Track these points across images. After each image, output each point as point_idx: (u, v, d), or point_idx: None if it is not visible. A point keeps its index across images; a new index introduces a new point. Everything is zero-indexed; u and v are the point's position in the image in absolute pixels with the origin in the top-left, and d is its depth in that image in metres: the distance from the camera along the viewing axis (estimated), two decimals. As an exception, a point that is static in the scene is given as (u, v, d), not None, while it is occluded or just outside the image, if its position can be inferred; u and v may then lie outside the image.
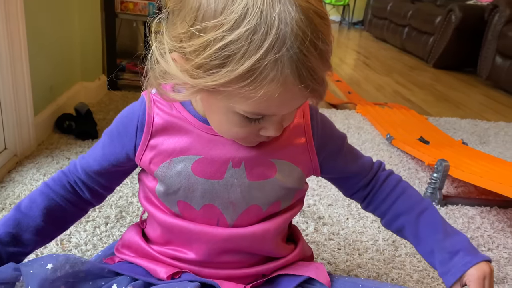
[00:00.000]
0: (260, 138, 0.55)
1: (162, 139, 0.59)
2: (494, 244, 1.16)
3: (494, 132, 2.13)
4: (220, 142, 0.58)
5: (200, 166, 0.58)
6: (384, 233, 1.15)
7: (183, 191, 0.60)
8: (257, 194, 0.61)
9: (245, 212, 0.62)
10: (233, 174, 0.59)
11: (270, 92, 0.45)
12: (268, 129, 0.52)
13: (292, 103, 0.49)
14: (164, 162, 0.59)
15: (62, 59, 1.63)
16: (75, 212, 0.68)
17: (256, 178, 0.60)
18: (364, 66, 3.72)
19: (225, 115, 0.51)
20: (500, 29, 3.11)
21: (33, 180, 1.20)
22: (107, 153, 0.63)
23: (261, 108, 0.48)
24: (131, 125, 0.60)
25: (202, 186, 0.59)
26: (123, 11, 2.03)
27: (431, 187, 1.35)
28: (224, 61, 0.44)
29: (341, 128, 1.92)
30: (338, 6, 6.60)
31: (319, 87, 0.47)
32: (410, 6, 4.46)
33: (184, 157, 0.58)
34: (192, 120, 0.58)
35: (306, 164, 0.63)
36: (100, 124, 1.61)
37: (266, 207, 0.62)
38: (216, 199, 0.60)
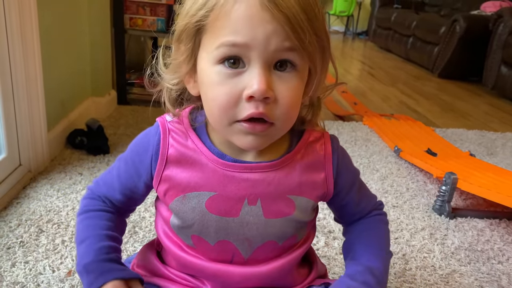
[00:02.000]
0: (248, 107, 0.49)
1: (176, 171, 0.58)
2: (504, 257, 1.16)
3: (502, 143, 2.13)
4: (235, 179, 0.57)
5: (214, 203, 0.57)
6: (394, 246, 1.16)
7: (197, 226, 0.59)
8: (273, 230, 0.59)
9: (260, 247, 0.61)
10: (249, 211, 0.57)
11: (229, 10, 0.47)
12: (250, 84, 0.48)
13: (260, 27, 0.47)
14: (178, 197, 0.58)
15: (74, 75, 1.67)
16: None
17: (274, 215, 0.58)
18: (369, 77, 3.74)
19: (207, 77, 0.51)
20: (505, 38, 3.13)
21: (47, 196, 1.22)
22: (125, 182, 0.63)
23: (228, 34, 0.48)
24: (145, 155, 0.59)
25: (217, 223, 0.58)
26: (132, 27, 2.07)
27: (439, 199, 1.36)
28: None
29: (349, 140, 1.94)
30: (342, 17, 6.64)
31: (286, 6, 0.46)
32: (414, 17, 4.48)
33: (198, 193, 0.57)
34: (207, 154, 0.57)
35: (321, 197, 0.63)
36: (111, 139, 1.63)
37: (282, 242, 0.61)
38: (231, 236, 0.59)
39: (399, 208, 1.38)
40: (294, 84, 0.51)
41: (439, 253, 1.15)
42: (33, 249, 1.00)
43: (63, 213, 1.15)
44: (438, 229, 1.28)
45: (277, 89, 0.49)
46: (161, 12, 2.07)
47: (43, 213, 1.14)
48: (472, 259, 1.14)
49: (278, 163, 0.58)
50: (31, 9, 1.22)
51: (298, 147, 0.59)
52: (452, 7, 4.74)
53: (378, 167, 1.67)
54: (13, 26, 1.16)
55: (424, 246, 1.18)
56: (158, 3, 2.06)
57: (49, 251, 0.99)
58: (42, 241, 1.03)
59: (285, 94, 0.50)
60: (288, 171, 0.58)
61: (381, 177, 1.59)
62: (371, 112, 2.42)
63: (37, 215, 1.13)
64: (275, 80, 0.49)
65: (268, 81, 0.48)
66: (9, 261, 0.95)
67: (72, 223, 1.11)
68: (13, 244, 1.00)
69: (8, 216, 1.11)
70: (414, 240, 1.20)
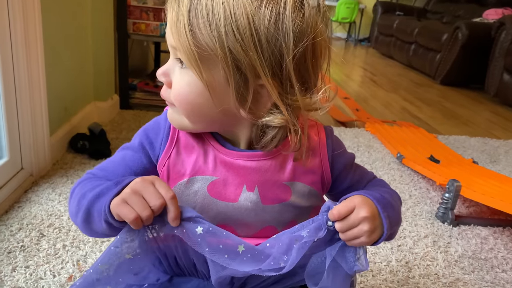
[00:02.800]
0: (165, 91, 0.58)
1: (183, 156, 0.60)
2: (508, 266, 1.15)
3: (504, 150, 2.13)
4: (235, 165, 0.59)
5: (216, 187, 0.59)
6: (397, 254, 1.15)
7: (198, 210, 0.59)
8: (272, 216, 0.61)
9: (259, 232, 0.62)
10: (247, 197, 0.60)
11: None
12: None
13: (168, 19, 0.54)
14: (182, 180, 0.60)
15: (76, 80, 1.67)
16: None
17: (271, 202, 0.60)
18: (371, 83, 3.74)
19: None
20: (507, 46, 3.13)
21: (49, 200, 1.22)
22: (131, 165, 0.62)
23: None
24: (157, 138, 0.61)
25: (217, 207, 0.60)
26: (135, 32, 2.07)
27: (443, 207, 1.35)
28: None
29: (351, 146, 1.93)
30: (344, 24, 6.66)
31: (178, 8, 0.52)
32: (416, 24, 4.49)
33: (202, 177, 0.60)
34: (211, 140, 0.60)
35: (321, 183, 0.64)
36: (113, 143, 1.63)
37: (281, 227, 0.63)
38: (230, 220, 0.61)
39: (402, 215, 1.36)
40: (185, 79, 0.55)
41: (443, 261, 1.14)
42: (34, 253, 0.99)
43: (65, 218, 1.14)
44: (441, 236, 1.27)
45: (172, 80, 0.56)
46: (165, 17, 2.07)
47: (45, 217, 1.14)
48: (476, 268, 1.13)
49: (272, 152, 0.60)
50: (35, 14, 1.22)
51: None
52: (454, 15, 4.76)
53: (381, 174, 1.67)
54: (17, 30, 1.17)
55: (427, 253, 1.17)
56: (161, 8, 2.06)
57: (50, 255, 0.99)
58: (43, 245, 1.02)
59: (174, 83, 0.56)
60: (283, 159, 0.60)
61: (384, 183, 1.58)
62: (373, 119, 2.42)
63: (38, 219, 1.12)
64: (177, 71, 0.55)
65: (168, 69, 0.56)
66: (10, 265, 0.94)
67: (73, 227, 1.10)
68: (14, 248, 1.00)
69: (9, 220, 1.11)
70: (417, 248, 1.19)
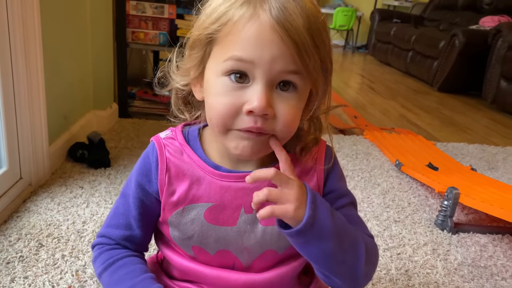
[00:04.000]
0: (247, 120, 0.51)
1: (175, 185, 0.59)
2: (508, 273, 1.15)
3: (503, 157, 2.13)
4: (232, 188, 0.58)
5: (212, 213, 0.59)
6: (396, 262, 1.15)
7: (197, 237, 0.60)
8: (271, 239, 0.60)
9: (260, 257, 0.62)
10: (245, 220, 0.59)
11: (241, 28, 0.49)
12: (251, 100, 0.50)
13: (268, 47, 0.49)
14: (177, 210, 0.59)
15: (76, 89, 1.67)
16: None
17: (270, 223, 0.59)
18: (369, 90, 3.75)
19: (212, 86, 0.53)
20: (504, 53, 3.15)
21: (47, 209, 1.22)
22: (140, 211, 0.61)
23: (237, 49, 0.50)
24: (150, 174, 0.60)
25: (216, 233, 0.59)
26: (134, 41, 2.08)
27: (442, 214, 1.35)
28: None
29: (350, 154, 1.94)
30: (342, 31, 6.70)
31: (295, 32, 0.48)
32: (413, 31, 4.52)
33: (197, 205, 0.59)
34: (203, 166, 0.59)
35: None
36: (112, 152, 1.63)
37: (281, 251, 0.62)
38: (230, 245, 0.60)
39: (401, 223, 1.37)
40: (294, 103, 0.53)
41: (442, 269, 1.14)
42: (32, 264, 0.99)
43: (63, 227, 1.14)
44: (440, 244, 1.27)
45: (277, 107, 0.52)
46: (163, 26, 2.08)
47: (43, 227, 1.13)
48: (476, 275, 1.13)
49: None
50: (35, 23, 1.23)
51: (292, 154, 0.61)
52: (451, 22, 4.79)
53: (380, 181, 1.67)
54: (17, 40, 1.17)
55: (427, 261, 1.17)
56: (160, 18, 2.07)
57: (49, 266, 0.99)
58: (42, 255, 1.02)
59: (284, 112, 0.52)
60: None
61: (383, 191, 1.59)
62: (371, 126, 2.42)
63: (37, 229, 1.12)
64: (276, 98, 0.52)
65: (269, 98, 0.51)
66: (8, 276, 0.94)
67: (72, 237, 1.10)
68: (13, 258, 1.00)
69: (8, 230, 1.10)
70: (416, 256, 1.19)
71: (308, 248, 0.52)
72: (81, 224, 1.17)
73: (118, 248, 0.63)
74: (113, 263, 0.61)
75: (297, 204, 0.50)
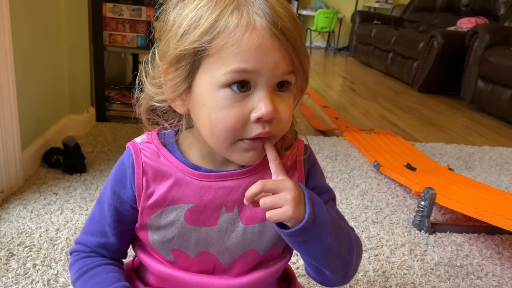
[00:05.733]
0: (255, 128, 0.51)
1: (152, 188, 0.58)
2: (483, 272, 1.17)
3: (479, 156, 2.17)
4: (212, 188, 0.58)
5: (193, 214, 0.58)
6: (374, 263, 1.15)
7: (177, 239, 0.59)
8: (252, 238, 0.60)
9: (241, 257, 0.61)
10: (226, 219, 0.58)
11: (240, 38, 0.48)
12: (258, 107, 0.50)
13: (270, 54, 0.49)
14: (156, 213, 0.58)
15: (50, 93, 1.64)
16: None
17: (251, 221, 0.59)
18: (350, 92, 3.78)
19: (211, 100, 0.51)
20: (480, 54, 3.20)
21: (20, 217, 1.19)
22: (115, 218, 0.61)
23: (239, 61, 0.48)
24: (125, 180, 0.59)
25: (196, 234, 0.59)
26: (112, 44, 2.06)
27: (419, 215, 1.36)
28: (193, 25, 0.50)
29: (329, 155, 1.94)
30: (323, 33, 6.74)
31: (291, 34, 0.49)
32: (393, 33, 4.57)
33: (176, 206, 0.58)
34: (181, 167, 0.58)
35: None
36: (89, 157, 1.60)
37: (263, 251, 0.62)
38: (211, 246, 0.59)
39: (379, 223, 1.38)
40: (290, 102, 0.54)
41: (419, 269, 1.15)
42: (2, 274, 0.96)
43: (36, 235, 1.11)
44: (418, 244, 1.28)
45: (279, 108, 0.52)
46: (141, 28, 2.06)
47: (15, 235, 1.10)
48: (452, 275, 1.14)
49: (250, 169, 0.59)
50: (4, 25, 1.20)
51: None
52: (429, 23, 4.86)
53: (358, 182, 1.68)
54: (-15, 44, 1.14)
55: (404, 262, 1.18)
56: (137, 20, 2.05)
57: (20, 275, 0.96)
58: (12, 265, 0.99)
59: (284, 111, 0.53)
60: (261, 176, 0.59)
61: (361, 192, 1.59)
62: (352, 127, 2.44)
63: (8, 237, 1.09)
64: (276, 99, 0.52)
65: (273, 102, 0.51)
66: (-23, 287, 0.91)
67: (45, 245, 1.08)
68: (-18, 269, 0.97)
69: (-23, 240, 1.07)
70: (394, 257, 1.20)
71: (309, 245, 0.53)
72: (55, 231, 1.14)
73: (93, 256, 0.62)
74: (86, 271, 0.60)
75: (295, 204, 0.50)
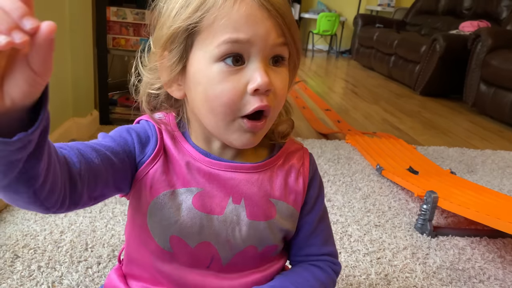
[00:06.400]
0: (253, 101, 0.51)
1: (167, 167, 0.58)
2: (485, 276, 1.17)
3: (482, 160, 2.17)
4: (221, 177, 0.58)
5: (200, 199, 0.58)
6: (376, 267, 1.16)
7: (179, 225, 0.57)
8: (255, 234, 0.60)
9: (241, 253, 0.61)
10: (233, 210, 0.58)
11: (229, 10, 0.50)
12: (254, 78, 0.51)
13: (260, 23, 0.50)
14: (166, 191, 0.57)
15: (54, 96, 1.65)
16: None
17: (256, 217, 0.59)
18: (352, 95, 3.78)
19: (206, 76, 0.52)
20: (483, 57, 3.21)
21: (24, 219, 1.20)
22: (112, 146, 0.55)
23: (230, 32, 0.50)
24: (147, 141, 0.58)
25: (201, 221, 0.58)
26: (115, 47, 2.07)
27: (421, 218, 1.37)
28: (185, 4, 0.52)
29: (332, 158, 1.95)
30: (325, 36, 6.75)
31: (280, 6, 0.51)
32: (395, 36, 4.58)
33: (186, 189, 0.58)
34: (193, 152, 0.59)
35: (299, 204, 0.63)
36: (92, 160, 1.61)
37: (262, 248, 0.62)
38: (214, 236, 0.59)
39: (382, 227, 1.38)
40: (285, 76, 0.55)
41: (421, 272, 1.15)
42: (7, 276, 0.97)
43: (40, 238, 1.12)
44: (420, 248, 1.28)
45: (274, 81, 0.52)
46: (144, 32, 2.08)
47: (19, 237, 1.11)
48: (454, 279, 1.14)
49: (261, 165, 0.60)
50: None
51: (280, 153, 0.63)
52: (432, 27, 4.86)
53: (361, 186, 1.68)
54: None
55: (406, 265, 1.18)
56: (141, 24, 2.06)
57: (24, 277, 0.97)
58: (17, 267, 1.00)
59: (279, 85, 0.53)
60: (270, 174, 0.60)
61: (364, 195, 1.60)
62: (354, 130, 2.44)
63: (13, 240, 1.10)
64: (271, 73, 0.53)
65: (269, 74, 0.52)
66: (-18, 289, 0.92)
67: (49, 247, 1.08)
68: (-13, 271, 0.98)
69: (-18, 242, 1.08)
70: (396, 260, 1.20)
71: None
72: (59, 234, 1.15)
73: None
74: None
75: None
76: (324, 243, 0.66)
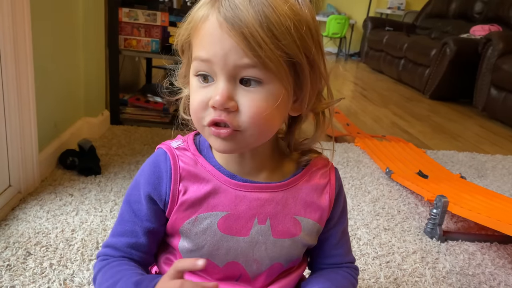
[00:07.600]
0: (213, 113, 0.53)
1: (189, 194, 0.58)
2: (495, 281, 1.16)
3: (492, 165, 2.15)
4: (247, 198, 0.58)
5: (226, 222, 0.58)
6: (385, 270, 1.15)
7: (207, 248, 0.59)
8: (281, 252, 0.61)
9: (268, 270, 0.62)
10: (258, 230, 0.59)
11: (200, 29, 0.53)
12: (214, 96, 0.52)
13: (218, 43, 0.50)
14: (190, 219, 0.59)
15: (67, 96, 1.67)
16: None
17: (282, 235, 0.60)
18: (361, 98, 3.77)
19: (191, 85, 0.56)
20: (494, 62, 3.19)
21: (36, 217, 1.21)
22: (146, 217, 0.60)
23: (198, 50, 0.53)
24: (161, 182, 0.59)
25: (227, 243, 0.59)
26: (127, 48, 2.09)
27: (431, 222, 1.36)
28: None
29: (341, 161, 1.95)
30: (335, 39, 6.74)
31: (244, 26, 0.48)
32: (405, 39, 4.56)
33: (211, 214, 0.58)
34: (218, 175, 0.59)
35: (324, 220, 0.64)
36: (103, 159, 1.62)
37: (287, 264, 0.63)
38: (241, 256, 0.60)
39: (391, 231, 1.38)
40: (258, 97, 0.52)
41: (431, 277, 1.15)
42: (20, 272, 0.98)
43: (52, 235, 1.13)
44: (429, 252, 1.27)
45: (240, 101, 0.52)
46: (156, 33, 2.09)
47: (32, 235, 1.13)
48: (464, 284, 1.14)
49: (286, 183, 0.61)
50: (25, 29, 1.23)
51: (305, 170, 0.63)
52: (442, 30, 4.84)
53: (370, 189, 1.68)
54: (6, 46, 1.17)
55: (416, 270, 1.18)
56: (152, 25, 2.08)
57: (36, 275, 0.98)
58: (29, 264, 1.01)
59: (246, 105, 0.52)
60: (295, 192, 0.61)
61: (373, 199, 1.59)
62: (363, 133, 2.44)
63: (25, 237, 1.11)
64: (240, 93, 0.52)
65: (230, 93, 0.51)
66: (-5, 285, 0.93)
67: (61, 245, 1.10)
68: (0, 267, 0.99)
69: (-5, 239, 1.10)
70: (405, 264, 1.20)
71: None
72: (70, 232, 1.16)
73: (122, 260, 0.61)
74: (108, 264, 0.60)
75: None
76: (347, 253, 0.69)
